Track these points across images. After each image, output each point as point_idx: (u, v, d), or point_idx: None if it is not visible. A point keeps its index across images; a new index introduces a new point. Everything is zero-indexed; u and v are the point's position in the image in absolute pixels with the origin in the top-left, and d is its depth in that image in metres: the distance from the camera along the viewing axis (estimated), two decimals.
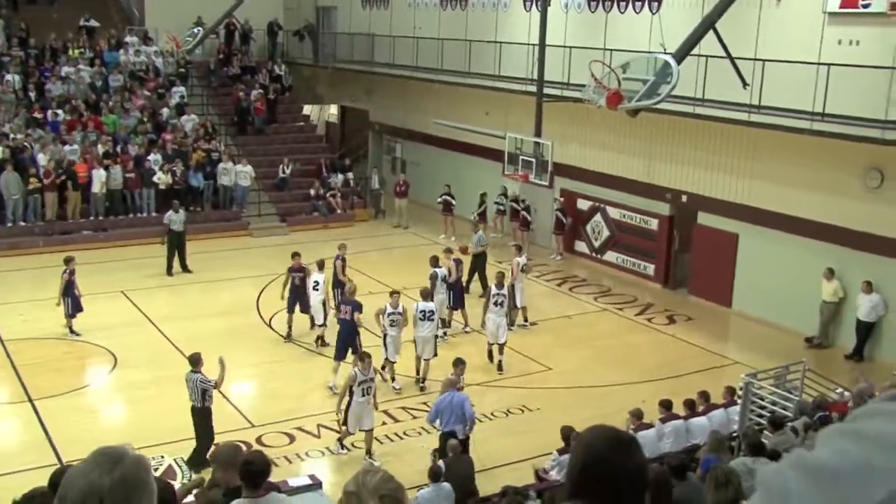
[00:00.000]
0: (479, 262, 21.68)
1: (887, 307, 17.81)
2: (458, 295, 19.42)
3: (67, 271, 18.35)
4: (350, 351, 15.93)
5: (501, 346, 17.43)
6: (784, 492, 1.20)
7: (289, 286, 18.51)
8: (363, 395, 13.50)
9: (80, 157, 25.92)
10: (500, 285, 17.75)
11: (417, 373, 16.78)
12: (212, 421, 13.07)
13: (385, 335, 16.34)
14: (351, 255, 21.77)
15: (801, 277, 19.22)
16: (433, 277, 18.59)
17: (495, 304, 17.52)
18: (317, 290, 18.41)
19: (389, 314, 16.24)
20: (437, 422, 12.97)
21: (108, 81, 29.87)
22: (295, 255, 18.96)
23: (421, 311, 16.51)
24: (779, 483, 1.22)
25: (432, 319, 16.62)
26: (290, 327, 18.60)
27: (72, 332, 18.45)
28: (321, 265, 18.93)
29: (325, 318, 18.24)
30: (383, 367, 16.08)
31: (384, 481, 2.63)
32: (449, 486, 10.87)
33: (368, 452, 13.55)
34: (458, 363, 14.02)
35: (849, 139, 16.96)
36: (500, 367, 17.44)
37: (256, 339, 18.74)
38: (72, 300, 18.35)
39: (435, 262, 19.11)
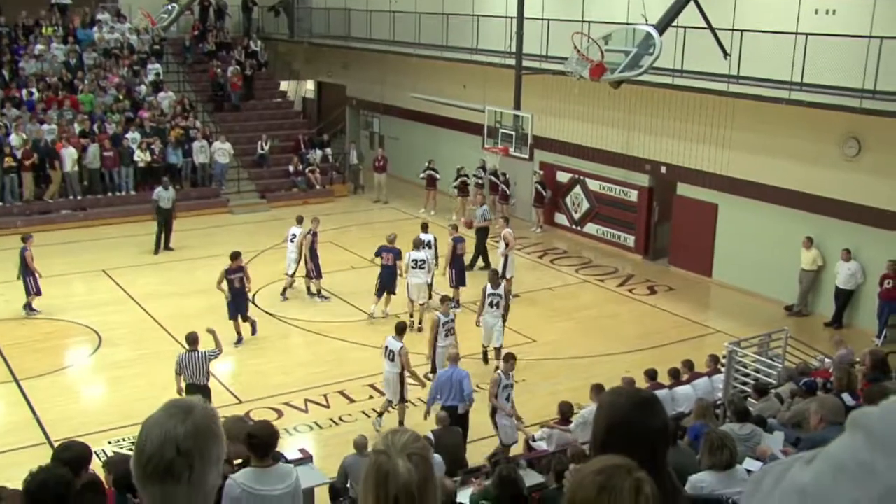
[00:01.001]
0: (481, 236, 21.71)
1: (865, 275, 18.04)
2: (459, 272, 19.21)
3: (27, 249, 18.11)
4: (387, 292, 18.40)
5: (497, 350, 16.16)
6: (892, 440, 1.23)
7: (227, 290, 16.87)
8: (446, 337, 14.94)
9: (57, 135, 25.69)
10: (495, 285, 16.47)
11: (411, 316, 18.13)
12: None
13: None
14: (331, 230, 21.85)
15: (780, 246, 19.42)
16: (416, 240, 18.75)
17: (490, 304, 16.35)
18: (292, 242, 19.74)
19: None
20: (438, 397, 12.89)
21: (82, 59, 29.57)
22: (235, 255, 17.09)
23: (413, 260, 17.99)
24: (885, 430, 1.24)
25: (423, 268, 18.03)
26: (239, 334, 17.07)
27: (31, 309, 18.27)
28: (300, 220, 20.27)
29: (294, 273, 19.35)
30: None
31: (412, 440, 2.69)
32: (439, 458, 10.96)
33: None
34: (507, 359, 13.53)
35: (826, 108, 17.11)
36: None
37: None
38: (32, 278, 18.13)
39: (424, 228, 19.22)
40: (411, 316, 18.24)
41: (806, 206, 18.90)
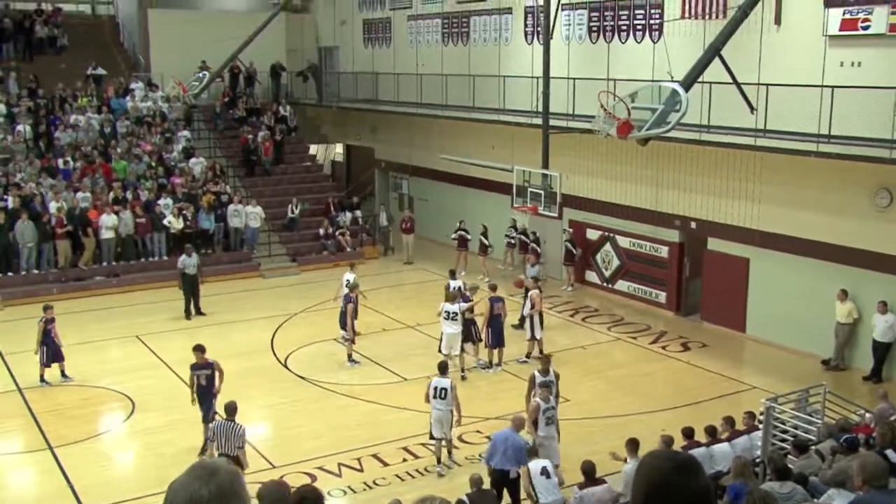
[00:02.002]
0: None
1: None
2: (497, 333, 19.06)
3: (44, 319, 18.22)
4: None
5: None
6: None
7: (195, 387, 15.19)
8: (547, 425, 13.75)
9: (91, 203, 26.11)
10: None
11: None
12: None
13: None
14: (362, 291, 21.81)
15: (814, 299, 19.22)
16: (447, 287, 19.40)
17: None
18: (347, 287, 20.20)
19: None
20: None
21: (115, 128, 30.14)
22: (197, 349, 15.26)
23: (446, 312, 18.37)
24: None
25: (456, 319, 18.25)
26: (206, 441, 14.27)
27: (42, 380, 18.29)
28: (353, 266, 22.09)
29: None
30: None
31: None
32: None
33: None
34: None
35: (856, 160, 17.05)
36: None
37: (273, 380, 18.75)
38: (48, 349, 18.22)
39: (452, 275, 19.39)
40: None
41: (839, 259, 18.73)
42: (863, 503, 6.64)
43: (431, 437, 14.56)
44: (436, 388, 14.33)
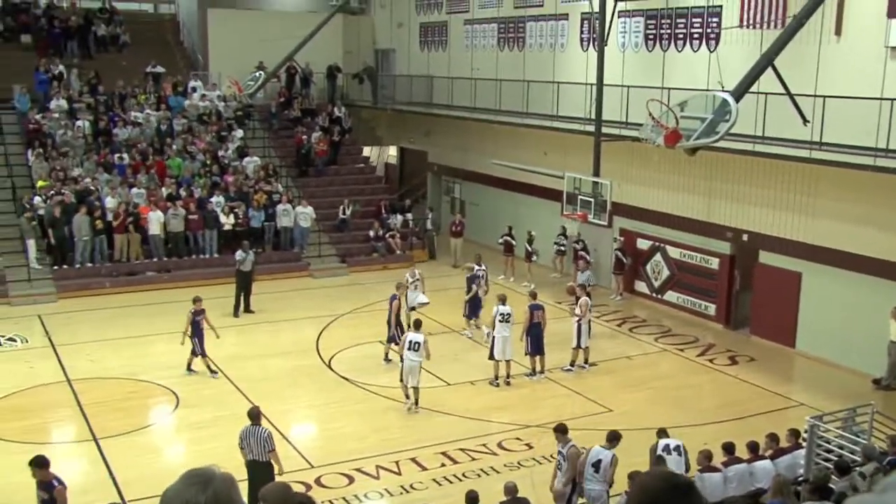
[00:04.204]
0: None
1: None
2: (535, 340, 18.94)
3: (193, 311, 18.75)
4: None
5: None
6: None
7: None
8: None
9: (145, 199, 26.53)
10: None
11: (496, 377, 18.71)
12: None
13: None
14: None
15: (867, 316, 18.81)
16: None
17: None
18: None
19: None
20: None
21: (172, 125, 30.60)
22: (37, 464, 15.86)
23: (500, 314, 18.58)
24: None
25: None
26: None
27: (189, 369, 18.82)
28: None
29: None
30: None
31: None
32: None
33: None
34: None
35: None
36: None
37: (317, 380, 18.86)
38: (199, 339, 18.71)
39: (503, 300, 19.06)
40: (497, 377, 18.62)
41: (894, 276, 18.31)
42: None
43: (401, 381, 16.99)
44: (410, 342, 16.78)
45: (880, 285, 18.58)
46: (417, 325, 17.63)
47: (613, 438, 12.67)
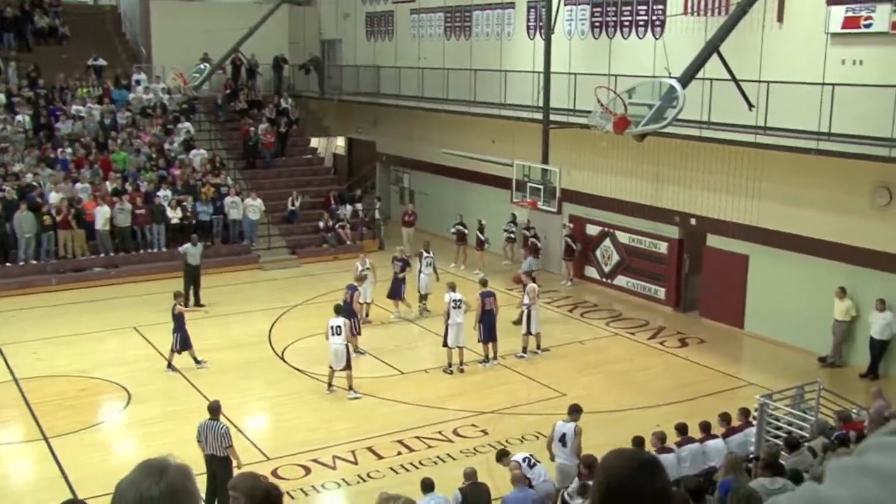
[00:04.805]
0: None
1: None
2: (488, 328, 18.97)
3: (175, 305, 18.52)
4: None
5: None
6: None
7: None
8: None
9: (89, 194, 26.10)
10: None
11: (450, 365, 18.69)
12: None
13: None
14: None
15: (812, 297, 19.19)
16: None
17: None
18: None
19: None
20: None
21: (116, 119, 30.13)
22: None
23: (452, 301, 18.50)
24: None
25: (460, 307, 18.44)
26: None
27: (170, 367, 18.53)
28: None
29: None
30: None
31: None
32: (443, 497, 10.96)
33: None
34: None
35: (855, 158, 17.00)
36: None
37: (270, 372, 18.76)
38: (181, 335, 18.44)
39: (453, 287, 19.06)
40: (450, 365, 18.60)
41: (838, 256, 18.70)
42: None
43: (330, 368, 17.16)
44: (332, 327, 17.04)
45: (825, 266, 18.96)
46: (338, 309, 17.71)
47: (575, 411, 13.10)
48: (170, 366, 18.53)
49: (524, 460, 11.87)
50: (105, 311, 22.55)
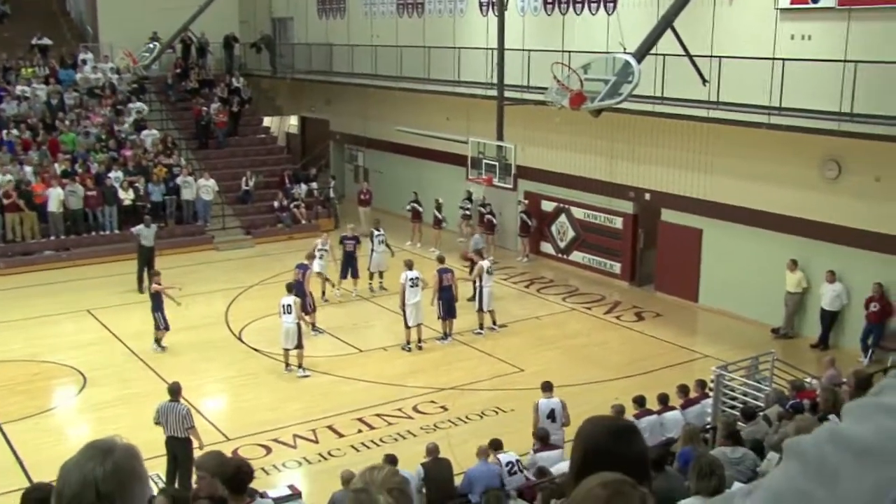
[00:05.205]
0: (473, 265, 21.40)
1: (850, 296, 18.09)
2: (447, 304, 19.00)
3: (153, 284, 18.44)
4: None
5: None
6: (827, 467, 1.18)
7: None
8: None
9: (37, 176, 25.62)
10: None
11: (408, 342, 18.73)
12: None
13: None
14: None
15: (765, 269, 19.49)
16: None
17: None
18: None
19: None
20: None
21: (63, 99, 29.58)
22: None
23: (409, 280, 18.46)
24: (819, 457, 1.20)
25: (418, 285, 18.50)
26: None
27: (159, 345, 18.45)
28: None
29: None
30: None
31: (390, 475, 2.67)
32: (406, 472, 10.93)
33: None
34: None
35: (805, 132, 17.26)
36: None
37: (228, 353, 18.64)
38: (161, 313, 18.32)
39: (409, 265, 19.02)
40: (408, 342, 18.66)
41: (789, 229, 18.99)
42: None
43: (284, 348, 17.24)
44: (283, 305, 17.14)
45: (777, 239, 19.25)
46: (290, 287, 17.80)
47: (549, 388, 13.59)
48: (158, 343, 18.44)
49: (507, 464, 11.57)
50: (57, 294, 22.22)
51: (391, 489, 2.60)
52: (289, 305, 17.09)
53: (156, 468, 12.85)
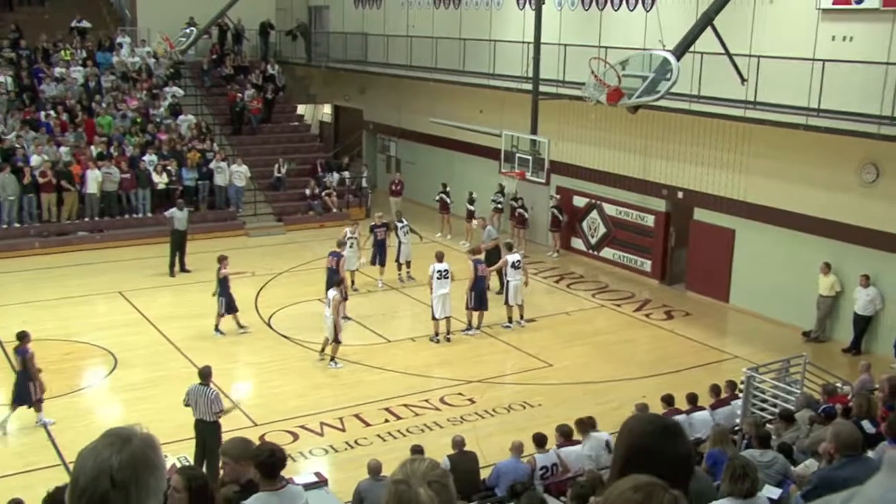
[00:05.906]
0: (492, 257, 21.11)
1: (884, 301, 17.89)
2: (479, 295, 19.04)
3: (220, 270, 18.52)
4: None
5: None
6: None
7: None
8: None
9: (73, 158, 25.87)
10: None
11: (437, 334, 18.66)
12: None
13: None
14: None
15: (797, 272, 19.31)
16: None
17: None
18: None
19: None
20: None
21: (100, 82, 29.82)
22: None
23: (438, 272, 18.36)
24: None
25: (447, 278, 18.37)
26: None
27: (217, 330, 18.62)
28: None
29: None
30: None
31: (431, 468, 2.66)
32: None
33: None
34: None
35: (844, 134, 17.05)
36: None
37: (257, 338, 18.75)
38: (226, 299, 18.47)
39: (440, 257, 19.01)
40: (437, 333, 18.60)
41: (824, 232, 18.80)
42: (834, 470, 6.70)
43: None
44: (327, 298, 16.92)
45: (810, 241, 19.07)
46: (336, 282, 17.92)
47: (589, 426, 11.91)
48: (217, 329, 18.62)
49: (542, 468, 11.31)
50: (90, 275, 22.43)
51: (432, 482, 2.58)
52: (329, 299, 17.12)
53: (184, 451, 12.99)
